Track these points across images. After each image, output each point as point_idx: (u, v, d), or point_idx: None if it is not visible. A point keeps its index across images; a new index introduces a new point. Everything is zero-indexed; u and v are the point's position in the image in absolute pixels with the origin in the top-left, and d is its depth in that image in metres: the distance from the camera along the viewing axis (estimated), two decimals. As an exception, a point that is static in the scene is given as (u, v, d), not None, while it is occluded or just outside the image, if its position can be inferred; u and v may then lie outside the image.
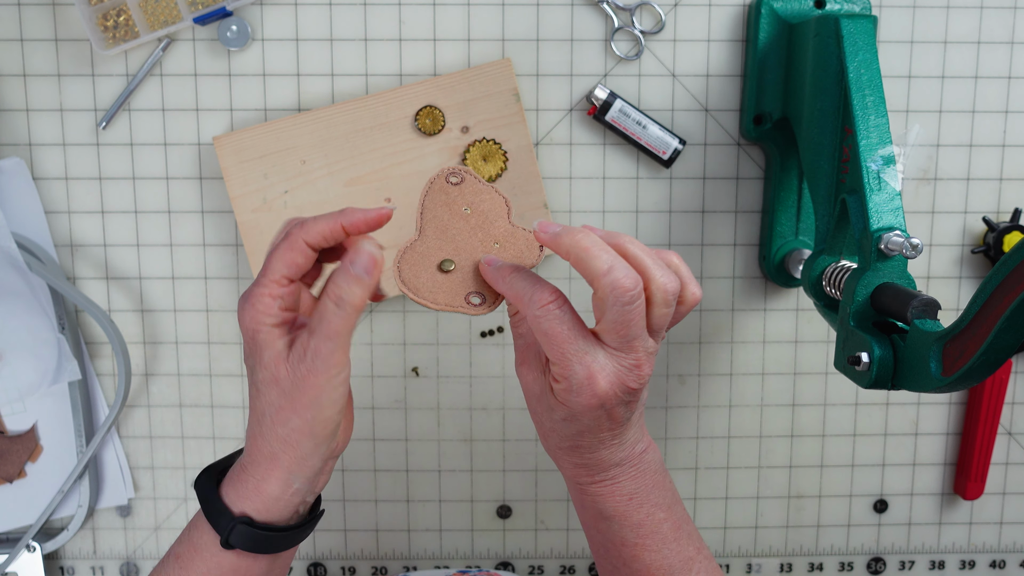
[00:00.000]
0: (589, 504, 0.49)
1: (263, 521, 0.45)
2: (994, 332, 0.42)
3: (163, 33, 0.67)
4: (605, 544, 0.49)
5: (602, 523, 0.48)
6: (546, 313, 0.43)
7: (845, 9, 0.67)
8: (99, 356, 0.73)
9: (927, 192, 0.73)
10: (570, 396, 0.44)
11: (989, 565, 0.78)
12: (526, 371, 0.47)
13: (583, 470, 0.48)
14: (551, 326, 0.43)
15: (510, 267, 0.46)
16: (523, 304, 0.44)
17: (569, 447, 0.47)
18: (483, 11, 0.69)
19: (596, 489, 0.48)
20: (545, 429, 0.48)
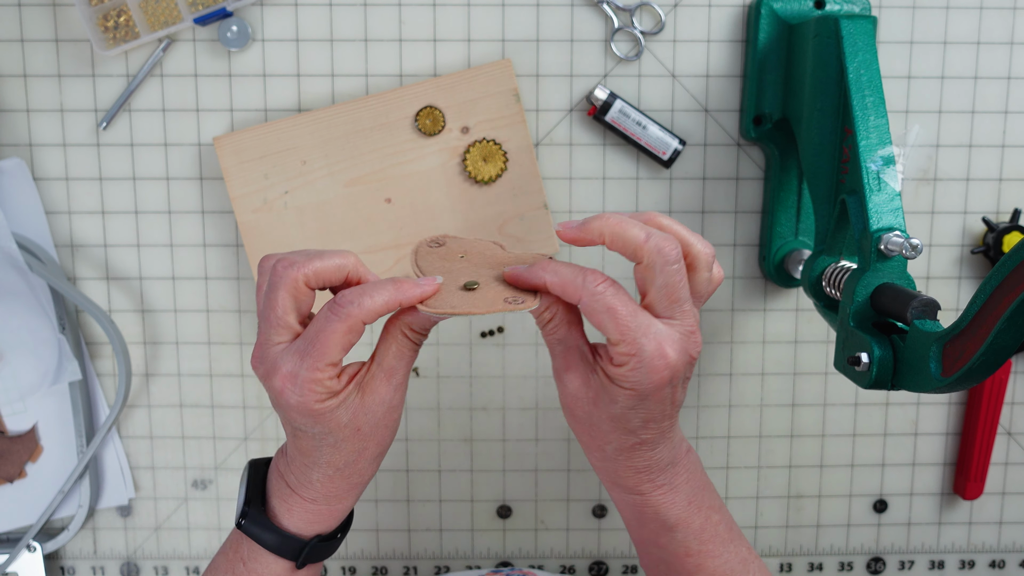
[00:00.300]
0: (651, 517, 0.47)
1: (328, 533, 0.48)
2: (994, 332, 0.42)
3: (163, 34, 0.67)
4: (667, 560, 0.48)
5: (664, 536, 0.47)
6: (604, 290, 0.41)
7: (845, 9, 0.67)
8: (99, 356, 0.74)
9: (927, 192, 0.73)
10: (641, 374, 0.42)
11: (989, 565, 0.78)
12: (573, 376, 0.45)
13: (644, 475, 0.46)
14: (612, 302, 0.41)
15: (547, 260, 0.44)
16: (575, 289, 0.42)
17: (631, 448, 0.45)
18: (483, 11, 0.70)
19: (659, 497, 0.46)
20: (600, 435, 0.45)
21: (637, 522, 0.48)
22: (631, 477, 0.46)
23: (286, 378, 0.42)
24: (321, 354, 0.42)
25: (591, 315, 0.42)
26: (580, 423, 0.45)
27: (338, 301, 0.42)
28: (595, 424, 0.45)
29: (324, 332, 0.42)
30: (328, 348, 0.42)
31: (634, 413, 0.43)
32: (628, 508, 0.48)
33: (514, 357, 0.74)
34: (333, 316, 0.42)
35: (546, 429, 0.75)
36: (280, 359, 0.43)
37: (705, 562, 0.47)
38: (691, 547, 0.47)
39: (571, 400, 0.45)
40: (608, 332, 0.42)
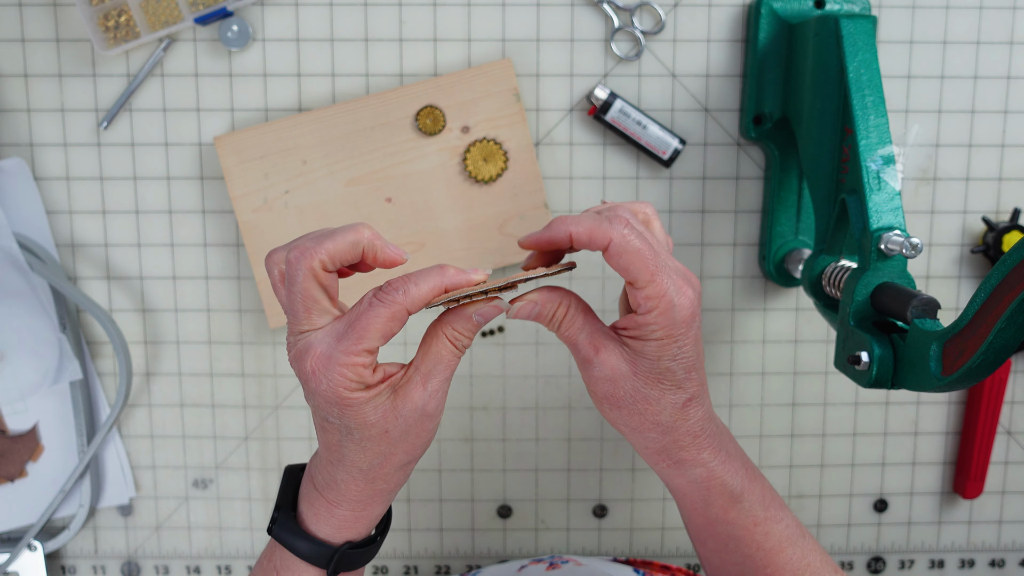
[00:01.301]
0: (718, 491, 0.46)
1: (359, 540, 0.47)
2: (994, 331, 0.42)
3: (164, 33, 0.68)
4: (736, 535, 0.47)
5: (733, 509, 0.46)
6: (631, 232, 0.41)
7: (845, 9, 0.68)
8: (100, 356, 0.74)
9: (927, 192, 0.73)
10: (672, 313, 0.42)
11: (988, 564, 0.78)
12: (607, 353, 0.44)
13: (703, 441, 0.45)
14: (639, 243, 0.41)
15: (562, 216, 0.43)
16: (603, 232, 0.42)
17: (683, 406, 0.44)
18: (483, 11, 0.70)
19: (721, 466, 0.46)
20: (652, 405, 0.44)
21: (704, 502, 0.47)
22: (691, 446, 0.45)
23: (319, 359, 0.41)
24: (359, 337, 0.40)
25: (618, 257, 0.42)
26: (626, 405, 0.44)
27: (384, 288, 0.41)
28: (643, 395, 0.44)
29: (366, 316, 0.41)
30: (368, 332, 0.41)
31: (676, 364, 0.43)
32: (695, 489, 0.47)
33: (514, 357, 0.74)
34: (377, 301, 0.41)
35: (546, 429, 0.75)
36: (315, 340, 0.41)
37: (772, 528, 0.47)
38: (758, 515, 0.47)
39: (611, 380, 0.44)
40: (635, 274, 0.42)
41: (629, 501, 0.76)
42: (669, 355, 0.43)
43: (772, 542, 0.47)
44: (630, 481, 0.76)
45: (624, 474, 0.76)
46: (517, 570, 0.66)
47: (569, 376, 0.74)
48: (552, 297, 0.45)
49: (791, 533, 0.48)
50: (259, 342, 0.73)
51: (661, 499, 0.77)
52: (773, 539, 0.47)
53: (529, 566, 0.66)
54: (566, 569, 0.64)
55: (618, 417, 0.45)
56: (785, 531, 0.47)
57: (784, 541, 0.47)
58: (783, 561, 0.47)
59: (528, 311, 0.45)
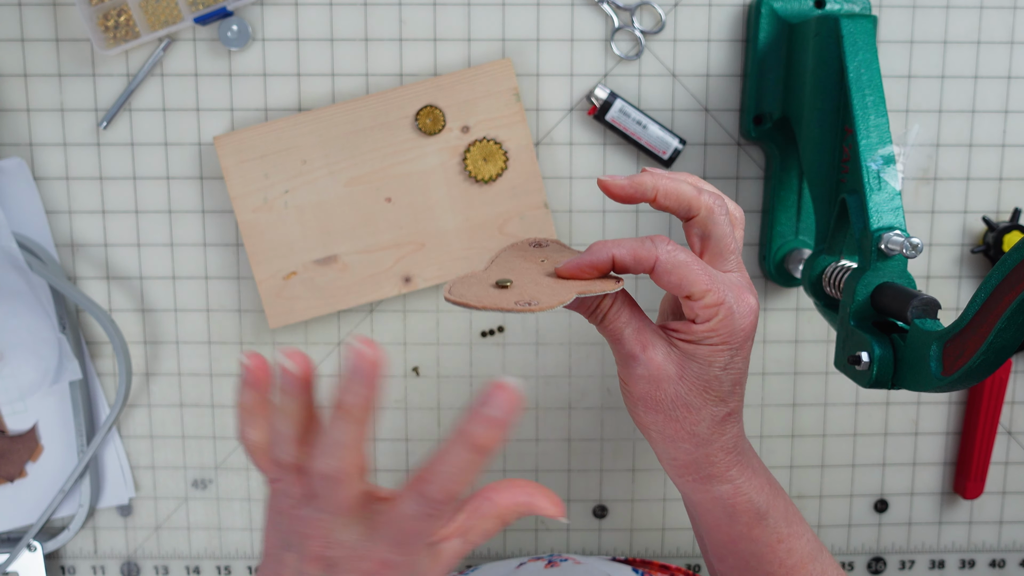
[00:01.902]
0: (743, 508, 0.45)
1: None
2: (994, 331, 0.42)
3: (164, 33, 0.67)
4: (759, 552, 0.46)
5: (758, 527, 0.46)
6: (675, 249, 0.41)
7: (845, 9, 0.68)
8: (100, 356, 0.74)
9: (927, 192, 0.73)
10: (731, 322, 0.41)
11: (989, 564, 0.78)
12: (654, 352, 0.42)
13: (733, 457, 0.44)
14: (686, 258, 0.41)
15: (601, 241, 0.42)
16: (647, 252, 0.40)
17: (722, 420, 0.43)
18: (483, 11, 0.70)
19: (748, 483, 0.45)
20: (692, 414, 0.42)
21: (728, 519, 0.46)
22: (722, 461, 0.44)
23: None
24: None
25: (666, 275, 0.41)
26: (664, 410, 0.43)
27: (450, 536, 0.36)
28: (684, 402, 0.42)
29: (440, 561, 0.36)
30: None
31: (725, 374, 0.42)
32: (719, 506, 0.46)
33: (514, 357, 0.74)
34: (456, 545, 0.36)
35: (546, 429, 0.75)
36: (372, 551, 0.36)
37: (794, 544, 0.46)
38: (782, 531, 0.46)
39: (654, 381, 0.42)
40: (689, 287, 0.41)
41: (629, 501, 0.76)
42: (721, 363, 0.42)
43: (794, 559, 0.46)
44: (630, 481, 0.76)
45: (624, 474, 0.76)
46: (516, 567, 0.65)
47: (569, 376, 0.74)
48: (599, 285, 0.42)
49: (812, 549, 0.47)
50: (259, 342, 0.73)
51: (661, 499, 0.77)
52: (795, 556, 0.46)
53: (528, 563, 0.66)
54: (565, 567, 0.64)
55: (653, 422, 0.43)
56: (806, 547, 0.47)
57: (806, 557, 0.47)
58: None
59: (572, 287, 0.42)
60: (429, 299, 0.73)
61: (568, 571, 0.63)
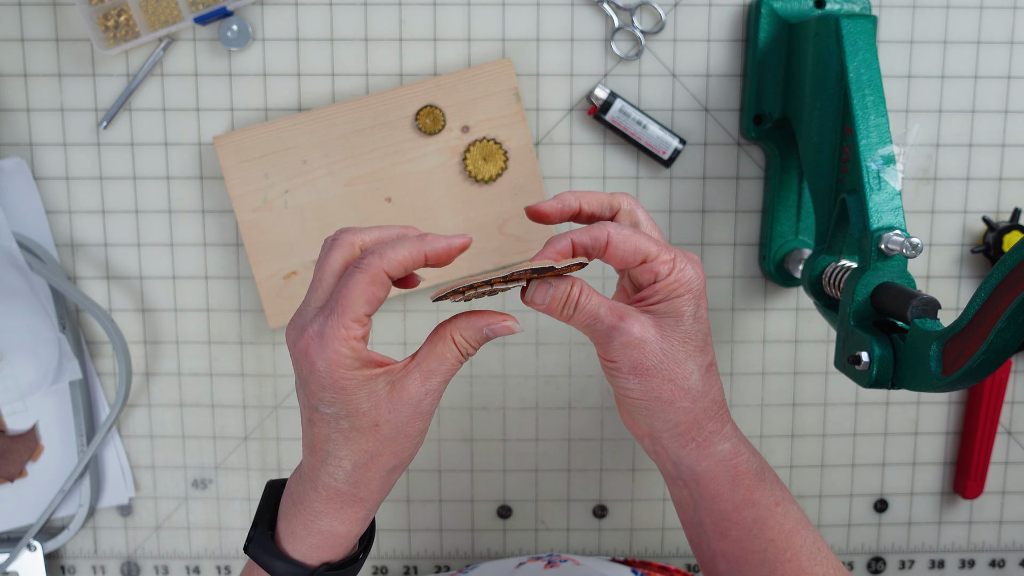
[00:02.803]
0: (744, 470, 0.46)
1: (340, 560, 0.45)
2: (994, 331, 0.42)
3: (164, 33, 0.67)
4: (760, 518, 0.47)
5: (758, 489, 0.47)
6: (620, 224, 0.45)
7: (845, 9, 0.68)
8: (100, 355, 0.74)
9: (927, 192, 0.73)
10: (688, 270, 0.44)
11: (989, 564, 0.78)
12: (631, 321, 0.44)
13: (725, 414, 0.46)
14: (631, 230, 0.44)
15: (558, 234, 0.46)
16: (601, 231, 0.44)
17: (707, 369, 0.45)
18: (483, 11, 0.70)
19: (742, 444, 0.47)
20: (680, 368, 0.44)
21: (731, 482, 0.46)
22: (717, 416, 0.46)
23: (312, 337, 0.41)
24: (344, 308, 0.40)
25: (621, 247, 0.44)
26: (655, 371, 0.44)
27: (361, 256, 0.41)
28: (672, 358, 0.44)
29: (347, 286, 0.40)
30: (351, 301, 0.40)
31: (697, 325, 0.45)
32: (723, 469, 0.46)
33: (514, 357, 0.74)
34: (355, 269, 0.41)
35: (546, 429, 0.75)
36: (308, 321, 0.41)
37: (789, 508, 0.47)
38: (777, 494, 0.47)
39: (639, 346, 0.44)
40: (644, 251, 0.44)
41: (629, 501, 0.76)
42: (690, 312, 0.44)
43: (791, 523, 0.47)
44: (630, 481, 0.76)
45: (624, 474, 0.76)
46: (515, 567, 0.66)
47: (569, 376, 0.74)
48: (564, 280, 0.44)
49: (801, 515, 0.48)
50: (259, 342, 0.73)
51: (661, 499, 0.77)
52: (791, 519, 0.47)
53: (527, 563, 0.66)
54: (564, 568, 0.64)
55: (648, 388, 0.44)
56: (798, 512, 0.48)
57: (799, 523, 0.48)
58: (800, 543, 0.47)
59: (543, 294, 0.44)
60: (429, 299, 0.73)
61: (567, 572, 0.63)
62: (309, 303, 0.42)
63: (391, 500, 0.76)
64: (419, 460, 0.75)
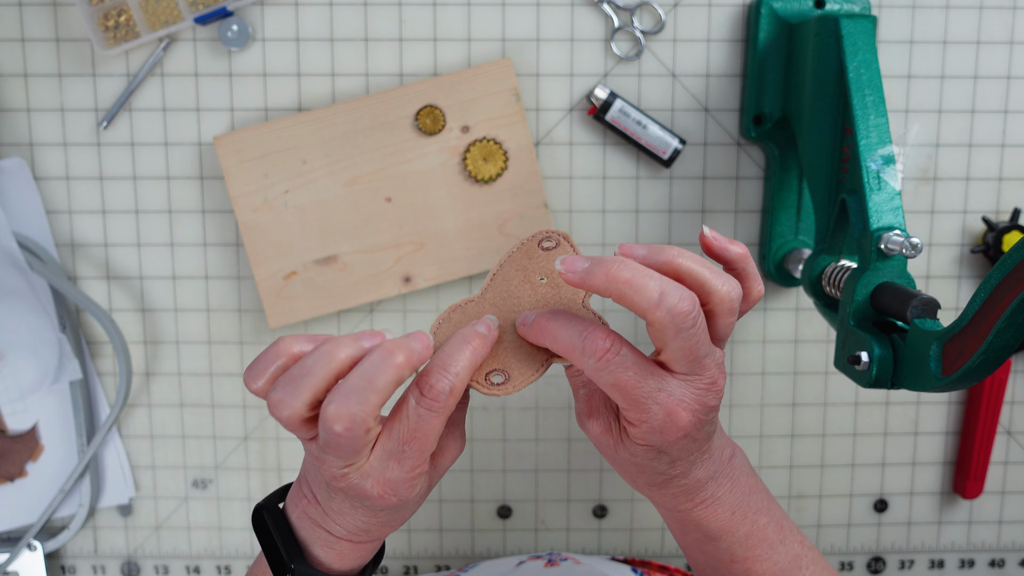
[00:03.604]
0: (692, 528, 0.46)
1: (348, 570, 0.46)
2: (994, 331, 0.42)
3: (164, 33, 0.67)
4: (713, 564, 0.47)
5: (708, 544, 0.46)
6: (606, 364, 0.38)
7: (845, 9, 0.68)
8: (100, 355, 0.74)
9: (927, 192, 0.73)
10: (653, 436, 0.40)
11: (988, 564, 0.78)
12: (594, 423, 0.42)
13: (682, 498, 0.44)
14: (616, 376, 0.38)
15: (547, 315, 0.40)
16: (577, 358, 0.39)
17: (662, 482, 0.43)
18: (483, 11, 0.70)
19: (700, 512, 0.45)
20: (632, 473, 0.43)
21: (679, 530, 0.47)
22: (668, 500, 0.45)
23: (387, 485, 0.39)
24: (419, 452, 0.39)
25: (599, 377, 0.39)
26: (610, 460, 0.44)
27: (426, 391, 0.39)
28: (623, 465, 0.43)
29: (421, 430, 0.39)
30: (426, 445, 0.39)
31: (657, 462, 0.42)
32: (669, 518, 0.47)
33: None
34: (426, 412, 0.38)
35: (546, 429, 0.75)
36: (372, 469, 0.39)
37: (753, 567, 0.46)
38: (736, 554, 0.46)
39: (597, 444, 0.43)
40: (617, 401, 0.39)
41: (629, 501, 0.76)
42: (650, 457, 0.41)
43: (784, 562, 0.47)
44: (630, 481, 0.76)
45: (624, 474, 0.76)
46: (515, 566, 0.66)
47: (569, 376, 0.74)
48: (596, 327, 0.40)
49: (780, 570, 0.47)
50: (259, 342, 0.73)
51: (661, 499, 0.77)
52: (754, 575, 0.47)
53: (527, 562, 0.66)
54: (564, 567, 0.64)
55: (603, 453, 0.44)
56: (771, 569, 0.46)
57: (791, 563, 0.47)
58: None
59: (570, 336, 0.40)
60: (429, 299, 0.73)
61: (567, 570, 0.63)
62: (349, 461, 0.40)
63: (391, 500, 0.76)
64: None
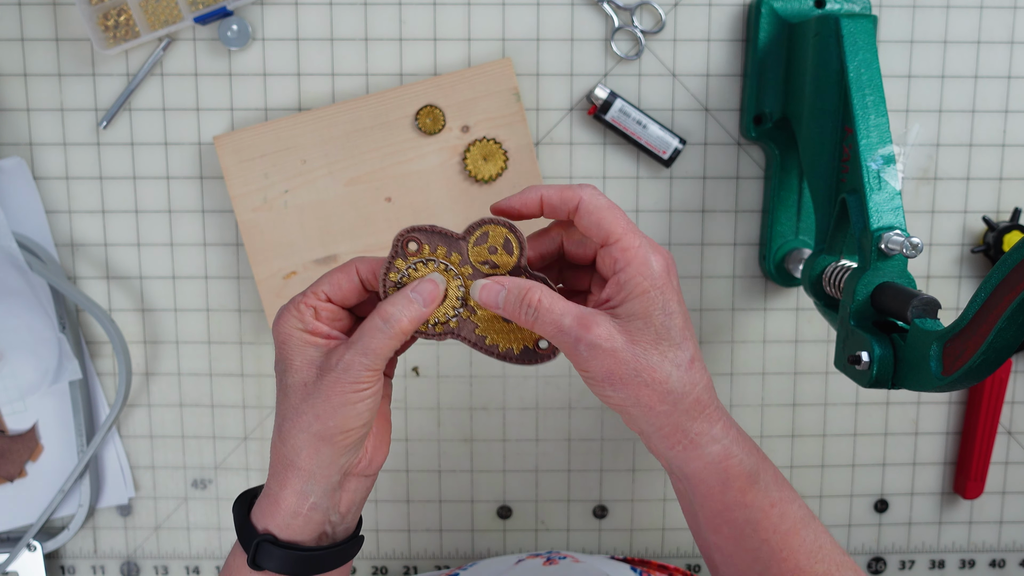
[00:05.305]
0: (736, 472, 0.45)
1: (286, 539, 0.45)
2: (994, 331, 0.42)
3: (164, 33, 0.67)
4: (753, 519, 0.45)
5: (751, 491, 0.45)
6: (597, 193, 0.43)
7: (845, 9, 0.67)
8: (100, 355, 0.73)
9: (927, 192, 0.73)
10: (649, 266, 0.42)
11: (989, 564, 0.78)
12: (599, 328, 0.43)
13: (713, 413, 0.44)
14: (607, 202, 0.43)
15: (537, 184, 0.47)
16: (572, 193, 0.43)
17: (688, 365, 0.43)
18: (483, 11, 0.70)
19: (735, 444, 0.44)
20: (654, 368, 0.43)
21: (722, 485, 0.45)
22: (701, 416, 0.44)
23: (279, 309, 0.46)
24: (311, 286, 0.46)
25: (588, 216, 0.43)
26: (630, 379, 0.43)
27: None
28: (645, 363, 0.42)
29: (324, 274, 0.46)
30: (318, 281, 0.46)
31: (669, 319, 0.43)
32: (713, 471, 0.45)
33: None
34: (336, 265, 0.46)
35: (546, 429, 0.75)
36: None
37: (787, 508, 0.46)
38: (773, 495, 0.46)
39: (610, 354, 0.42)
40: (608, 228, 0.43)
41: (629, 502, 0.76)
42: (659, 308, 0.42)
43: (788, 523, 0.46)
44: (630, 481, 0.76)
45: (624, 474, 0.76)
46: (514, 563, 0.65)
47: (569, 376, 0.74)
48: (520, 282, 0.43)
49: (804, 514, 0.47)
50: (258, 342, 0.73)
51: (661, 499, 0.77)
52: (788, 520, 0.46)
53: (526, 560, 0.66)
54: (563, 565, 0.64)
55: (625, 396, 0.43)
56: (799, 511, 0.46)
57: (798, 522, 0.46)
58: (798, 543, 0.46)
59: (493, 295, 0.44)
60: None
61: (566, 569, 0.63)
62: None
63: (391, 500, 0.76)
64: (419, 460, 0.75)
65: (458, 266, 0.45)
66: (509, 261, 0.45)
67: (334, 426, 0.43)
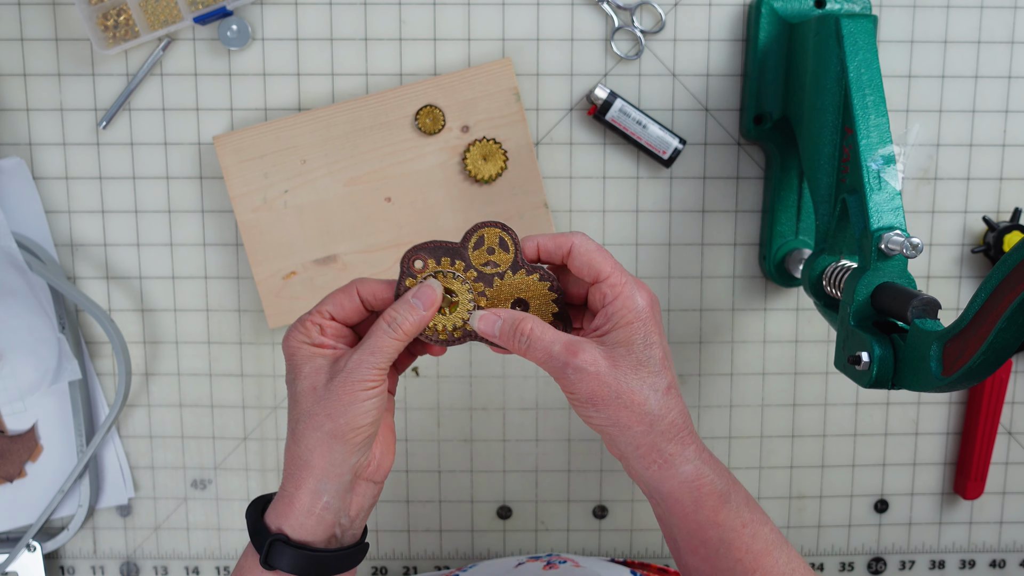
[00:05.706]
0: (708, 492, 0.47)
1: (298, 539, 0.47)
2: (994, 331, 0.42)
3: (163, 33, 0.67)
4: (726, 539, 0.47)
5: (722, 510, 0.47)
6: (586, 238, 0.48)
7: (845, 9, 0.67)
8: (99, 356, 0.73)
9: (927, 192, 0.73)
10: (635, 299, 0.46)
11: (989, 565, 0.78)
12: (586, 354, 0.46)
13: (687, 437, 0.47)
14: (596, 245, 0.47)
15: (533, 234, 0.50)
16: (564, 239, 0.47)
17: (665, 391, 0.46)
18: (483, 11, 0.70)
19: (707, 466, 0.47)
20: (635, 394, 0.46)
21: (694, 504, 0.47)
22: (675, 439, 0.46)
23: (290, 327, 0.49)
24: (316, 306, 0.49)
25: (580, 258, 0.47)
26: (611, 400, 0.46)
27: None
28: (626, 387, 0.46)
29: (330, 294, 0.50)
30: (322, 301, 0.49)
31: (650, 352, 0.46)
32: (686, 490, 0.47)
33: (514, 357, 0.74)
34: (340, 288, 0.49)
35: (546, 429, 0.75)
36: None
37: (759, 530, 0.48)
38: (744, 516, 0.48)
39: (594, 377, 0.46)
40: (598, 267, 0.47)
41: (629, 502, 0.76)
42: (641, 338, 0.46)
43: (760, 544, 0.47)
44: (630, 482, 0.76)
45: (624, 475, 0.76)
46: (514, 566, 0.65)
47: (569, 376, 0.74)
48: (514, 314, 0.47)
49: (776, 537, 0.48)
50: (258, 342, 0.73)
51: (661, 499, 0.76)
52: (760, 541, 0.48)
53: (527, 563, 0.66)
54: (563, 569, 0.64)
55: (606, 417, 0.46)
56: (770, 535, 0.48)
57: (771, 544, 0.48)
58: (770, 564, 0.47)
59: (490, 324, 0.48)
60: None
61: (566, 573, 0.63)
62: None
63: (390, 500, 0.76)
64: (419, 460, 0.75)
65: (464, 272, 0.48)
66: (507, 258, 0.49)
67: (345, 424, 0.46)
